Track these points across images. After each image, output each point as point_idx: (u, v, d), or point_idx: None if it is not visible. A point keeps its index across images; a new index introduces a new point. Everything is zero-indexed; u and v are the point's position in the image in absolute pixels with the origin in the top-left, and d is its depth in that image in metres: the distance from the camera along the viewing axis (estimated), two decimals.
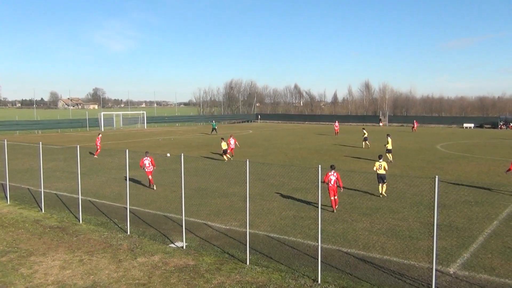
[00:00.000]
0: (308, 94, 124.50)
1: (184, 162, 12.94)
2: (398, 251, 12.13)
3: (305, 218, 15.55)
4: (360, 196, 19.05)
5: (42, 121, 68.00)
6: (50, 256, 11.89)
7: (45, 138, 49.43)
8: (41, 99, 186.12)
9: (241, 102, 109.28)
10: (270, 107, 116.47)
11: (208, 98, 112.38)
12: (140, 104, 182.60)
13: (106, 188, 21.28)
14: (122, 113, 78.07)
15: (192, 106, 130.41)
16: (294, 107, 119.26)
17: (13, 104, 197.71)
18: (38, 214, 16.52)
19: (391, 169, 25.07)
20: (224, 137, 35.47)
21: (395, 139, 48.71)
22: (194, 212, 16.15)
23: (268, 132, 62.39)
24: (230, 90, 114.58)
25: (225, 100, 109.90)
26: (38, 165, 17.42)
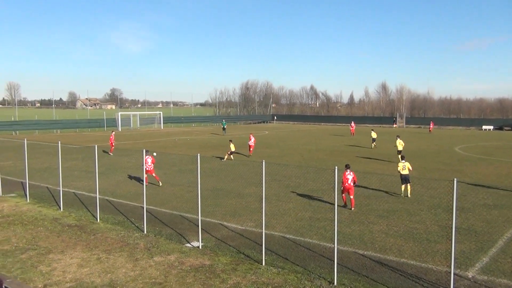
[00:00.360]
0: (324, 95, 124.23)
1: (200, 162, 13.00)
2: (415, 254, 12.01)
3: (321, 219, 15.49)
4: (377, 198, 18.90)
5: (60, 120, 68.97)
6: (68, 254, 12.05)
7: (63, 138, 50.12)
8: (59, 99, 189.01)
9: (257, 103, 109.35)
10: (286, 108, 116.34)
11: (224, 99, 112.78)
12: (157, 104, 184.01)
13: (123, 187, 21.48)
14: (139, 113, 78.76)
15: (208, 107, 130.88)
16: (310, 108, 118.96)
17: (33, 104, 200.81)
18: (56, 212, 16.75)
19: None
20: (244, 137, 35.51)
21: (412, 141, 48.26)
22: (210, 212, 16.21)
23: (284, 133, 62.31)
24: (246, 91, 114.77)
25: (241, 100, 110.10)
26: (57, 164, 17.67)
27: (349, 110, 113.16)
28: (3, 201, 18.64)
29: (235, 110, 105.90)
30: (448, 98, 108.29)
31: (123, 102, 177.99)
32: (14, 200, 18.85)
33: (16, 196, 19.52)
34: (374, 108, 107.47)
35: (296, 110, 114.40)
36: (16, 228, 14.58)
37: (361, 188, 20.82)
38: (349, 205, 17.12)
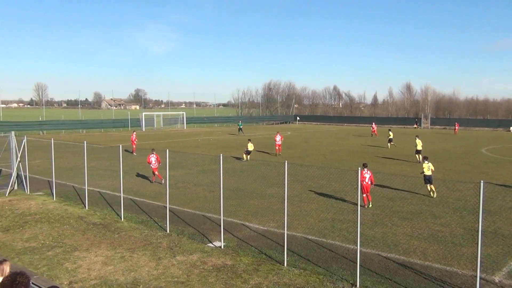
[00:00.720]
0: (347, 96, 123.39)
1: (222, 163, 13.06)
2: (440, 257, 11.81)
3: (344, 221, 15.37)
4: (400, 200, 18.67)
5: (86, 120, 70.23)
6: (93, 251, 12.25)
7: (89, 137, 50.98)
8: (85, 99, 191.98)
9: (280, 103, 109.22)
10: (308, 109, 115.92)
11: (246, 99, 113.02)
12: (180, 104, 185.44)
13: (146, 187, 21.73)
14: (162, 114, 79.57)
15: (230, 107, 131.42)
16: (333, 109, 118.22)
17: (59, 104, 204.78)
18: (82, 210, 17.06)
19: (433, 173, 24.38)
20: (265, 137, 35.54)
21: (437, 142, 47.49)
22: (232, 212, 16.26)
23: (307, 134, 62.08)
24: (269, 91, 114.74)
25: (263, 101, 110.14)
26: (82, 164, 17.99)
27: (372, 110, 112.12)
28: (31, 199, 19.08)
29: (257, 111, 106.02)
30: (474, 99, 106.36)
31: (147, 102, 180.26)
32: (41, 198, 19.28)
33: (43, 195, 19.96)
34: (398, 109, 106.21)
35: (318, 111, 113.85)
36: (43, 226, 14.90)
37: (384, 190, 20.60)
38: (364, 203, 17.41)
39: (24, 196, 19.59)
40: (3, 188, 20.62)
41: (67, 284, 10.06)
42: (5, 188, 20.40)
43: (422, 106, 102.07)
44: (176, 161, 29.67)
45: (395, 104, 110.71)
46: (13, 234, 13.88)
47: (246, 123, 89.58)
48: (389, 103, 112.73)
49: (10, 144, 21.08)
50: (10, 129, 43.64)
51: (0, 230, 14.31)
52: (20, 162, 20.49)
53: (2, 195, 19.67)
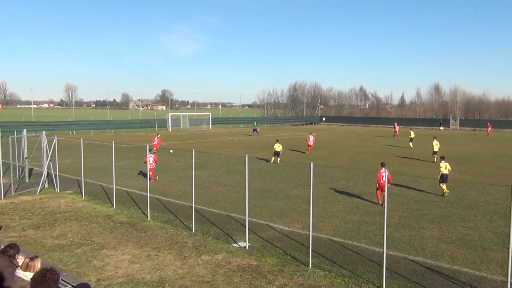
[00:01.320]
0: (374, 96, 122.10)
1: (248, 163, 13.08)
2: (469, 261, 11.56)
3: (370, 223, 15.20)
4: (428, 203, 18.34)
5: (114, 121, 71.41)
6: (120, 250, 12.45)
7: (116, 137, 51.84)
8: (113, 100, 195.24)
9: (305, 104, 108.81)
10: (334, 109, 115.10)
11: (272, 100, 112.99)
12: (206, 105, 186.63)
13: (172, 186, 21.96)
14: (188, 114, 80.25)
15: (256, 108, 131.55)
16: (359, 110, 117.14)
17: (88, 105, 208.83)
18: (110, 209, 17.35)
19: (462, 175, 23.99)
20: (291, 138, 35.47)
21: (467, 144, 46.52)
22: (257, 213, 16.28)
23: (332, 135, 61.65)
24: (294, 92, 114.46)
25: (289, 102, 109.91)
26: (110, 163, 18.31)
27: (399, 112, 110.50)
28: (61, 197, 19.52)
29: (282, 112, 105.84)
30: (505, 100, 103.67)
31: (173, 103, 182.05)
32: (70, 196, 19.70)
33: (72, 193, 20.39)
34: (426, 110, 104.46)
35: (344, 112, 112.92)
36: (72, 223, 15.23)
37: (411, 192, 20.31)
38: (378, 199, 18.26)
39: (54, 195, 20.06)
40: (34, 186, 21.16)
41: (95, 281, 10.25)
42: (36, 186, 20.93)
43: (451, 107, 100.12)
44: (201, 161, 29.90)
45: (422, 105, 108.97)
46: (44, 232, 14.23)
47: (271, 124, 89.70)
48: (417, 104, 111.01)
49: (41, 143, 21.62)
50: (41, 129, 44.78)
51: (31, 227, 14.69)
52: (51, 161, 20.99)
53: (33, 193, 20.19)
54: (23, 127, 28.69)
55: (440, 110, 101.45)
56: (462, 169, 28.03)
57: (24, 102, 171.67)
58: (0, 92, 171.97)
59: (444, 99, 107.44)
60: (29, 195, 19.84)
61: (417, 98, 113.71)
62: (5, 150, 21.52)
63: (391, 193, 18.91)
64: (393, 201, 18.10)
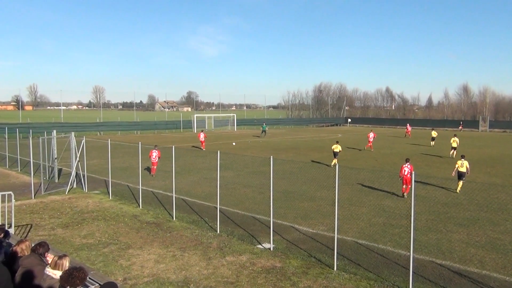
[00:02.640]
0: (400, 98, 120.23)
1: (273, 165, 13.07)
2: (499, 266, 11.27)
3: (396, 226, 14.99)
4: (456, 206, 17.97)
5: (140, 122, 72.38)
6: (146, 250, 12.61)
7: (143, 138, 52.49)
8: (140, 101, 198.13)
9: (330, 106, 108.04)
10: (360, 111, 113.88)
11: (296, 101, 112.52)
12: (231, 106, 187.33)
13: (197, 187, 22.11)
14: (213, 116, 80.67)
15: (280, 109, 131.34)
16: (385, 111, 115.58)
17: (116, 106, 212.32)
18: (136, 209, 17.59)
19: (492, 178, 23.40)
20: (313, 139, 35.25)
21: (497, 146, 45.40)
22: (282, 215, 16.24)
23: (358, 136, 61.03)
24: (319, 93, 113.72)
25: (313, 103, 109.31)
26: (137, 164, 18.56)
27: (427, 113, 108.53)
28: (88, 197, 19.89)
29: (307, 113, 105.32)
30: None
31: (198, 104, 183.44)
32: (98, 196, 20.05)
33: (100, 193, 20.75)
34: (454, 111, 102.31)
35: (370, 113, 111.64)
36: (100, 223, 15.50)
37: (438, 195, 19.94)
38: (402, 191, 19.83)
39: (82, 194, 20.45)
40: (64, 186, 21.63)
41: (121, 280, 10.41)
42: (65, 186, 21.39)
43: (480, 108, 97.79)
44: (226, 162, 30.00)
45: (451, 106, 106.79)
46: (72, 231, 14.53)
47: (296, 125, 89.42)
48: (445, 105, 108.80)
49: (71, 144, 22.08)
50: (70, 130, 45.71)
51: (60, 226, 15.01)
52: (79, 161, 21.41)
53: (62, 193, 20.63)
54: (53, 128, 29.36)
55: (468, 111, 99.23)
56: (492, 172, 27.37)
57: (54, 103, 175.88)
58: (31, 94, 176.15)
59: (473, 100, 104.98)
60: (58, 195, 20.29)
61: (445, 99, 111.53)
62: (35, 151, 22.06)
63: (418, 196, 18.59)
64: (420, 204, 17.81)
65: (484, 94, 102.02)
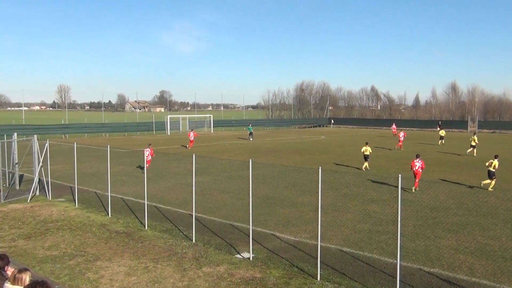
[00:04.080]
0: (386, 97, 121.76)
1: (252, 169, 13.08)
2: (488, 273, 11.50)
3: (382, 232, 15.16)
4: (444, 210, 18.28)
5: (109, 124, 71.64)
6: (116, 261, 12.47)
7: (112, 141, 51.99)
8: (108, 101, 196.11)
9: (313, 106, 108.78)
10: (344, 111, 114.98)
11: (277, 101, 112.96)
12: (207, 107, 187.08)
13: (171, 193, 21.99)
14: (188, 116, 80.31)
15: (260, 110, 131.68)
16: (370, 111, 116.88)
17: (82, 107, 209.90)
18: (104, 218, 17.39)
19: (480, 181, 23.80)
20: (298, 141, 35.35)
21: (487, 147, 46.33)
22: (262, 222, 16.27)
23: (342, 138, 61.60)
24: (301, 93, 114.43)
25: (295, 103, 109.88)
26: (105, 169, 18.36)
27: (414, 113, 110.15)
28: (53, 205, 19.58)
29: (289, 113, 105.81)
30: None
31: (172, 104, 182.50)
32: (63, 204, 19.75)
33: (65, 201, 20.45)
34: (442, 111, 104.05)
35: (355, 113, 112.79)
36: (65, 233, 15.27)
37: (426, 199, 20.24)
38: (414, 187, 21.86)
39: (46, 202, 20.12)
40: (25, 194, 21.24)
41: None
42: (27, 194, 21.01)
43: (469, 108, 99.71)
44: (202, 166, 29.91)
45: (438, 106, 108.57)
46: (35, 242, 14.28)
47: (277, 126, 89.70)
48: (432, 105, 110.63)
49: (33, 148, 21.71)
50: (32, 132, 44.95)
51: (22, 237, 14.74)
52: (42, 167, 21.06)
53: (24, 201, 20.26)
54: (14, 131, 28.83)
55: (457, 111, 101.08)
56: (481, 174, 27.91)
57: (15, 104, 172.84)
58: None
59: (462, 100, 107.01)
60: (20, 203, 19.91)
61: (433, 99, 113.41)
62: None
63: (405, 200, 18.86)
64: (407, 208, 18.06)
65: (472, 93, 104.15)
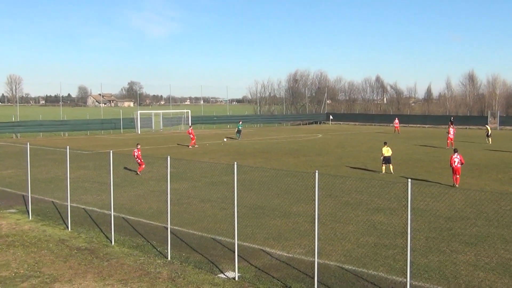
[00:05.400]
0: (393, 89, 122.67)
1: (237, 173, 13.08)
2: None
3: (390, 246, 15.26)
4: (461, 221, 18.44)
5: (69, 121, 71.17)
6: (77, 283, 12.40)
7: (72, 142, 51.70)
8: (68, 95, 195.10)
9: (308, 99, 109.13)
10: (344, 105, 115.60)
11: (266, 94, 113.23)
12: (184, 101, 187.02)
13: (143, 203, 21.92)
14: (162, 112, 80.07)
15: (247, 104, 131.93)
16: (375, 105, 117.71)
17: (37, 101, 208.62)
18: (63, 232, 17.28)
19: (504, 186, 24.15)
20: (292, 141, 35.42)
21: (508, 147, 46.83)
22: (249, 235, 16.27)
23: (342, 137, 61.88)
24: (295, 84, 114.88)
25: (287, 96, 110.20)
26: (64, 174, 18.25)
27: (425, 107, 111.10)
28: (2, 218, 19.41)
29: (280, 108, 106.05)
30: None
31: (143, 98, 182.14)
32: (14, 217, 19.59)
33: (16, 212, 20.28)
34: (458, 105, 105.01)
35: (357, 108, 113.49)
36: (17, 250, 15.14)
37: (441, 207, 20.40)
38: (456, 182, 24.73)
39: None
40: None
41: None
42: None
43: (489, 101, 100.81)
44: (179, 171, 29.85)
45: (454, 99, 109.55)
46: None
47: (266, 123, 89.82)
48: (447, 98, 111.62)
49: None
50: None
51: None
52: None
53: None
54: None
55: (475, 105, 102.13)
56: (504, 179, 28.20)
57: None
58: None
59: (481, 92, 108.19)
60: None
61: (447, 91, 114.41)
62: None
63: (415, 209, 18.98)
64: (418, 218, 18.19)
65: (493, 85, 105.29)
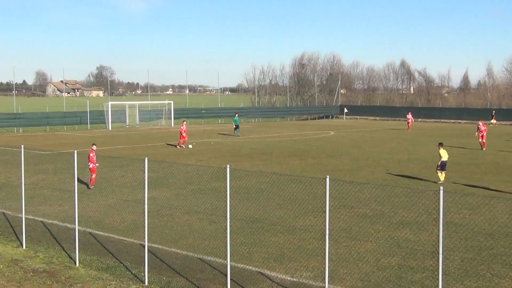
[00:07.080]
0: (422, 76, 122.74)
1: (231, 179, 13.06)
2: None
3: (417, 269, 15.25)
4: (505, 237, 18.45)
5: (24, 114, 71.06)
6: None
7: (28, 139, 51.59)
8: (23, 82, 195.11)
9: (318, 88, 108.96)
10: (362, 96, 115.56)
11: (266, 82, 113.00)
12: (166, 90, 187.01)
13: (114, 215, 21.89)
14: (138, 104, 79.77)
15: (242, 94, 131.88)
16: (400, 96, 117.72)
17: None
18: (17, 251, 17.24)
19: None
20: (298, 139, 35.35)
21: None
22: (244, 255, 16.26)
23: (359, 134, 61.90)
24: (301, 70, 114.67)
25: (292, 84, 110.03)
26: (17, 179, 18.21)
27: (461, 98, 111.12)
28: None
29: (283, 99, 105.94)
30: None
31: (115, 86, 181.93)
32: None
33: None
34: (501, 96, 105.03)
35: (378, 99, 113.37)
36: None
37: (480, 222, 20.37)
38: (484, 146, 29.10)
39: None
40: None
41: None
42: None
43: None
44: (159, 176, 29.80)
45: (496, 89, 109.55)
46: None
47: (266, 117, 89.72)
48: (488, 88, 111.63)
49: None
50: None
51: None
52: None
53: None
54: None
55: None
56: None
57: None
58: None
59: None
60: None
61: (488, 79, 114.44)
62: None
63: (449, 223, 19.00)
64: (452, 235, 18.19)
65: None
